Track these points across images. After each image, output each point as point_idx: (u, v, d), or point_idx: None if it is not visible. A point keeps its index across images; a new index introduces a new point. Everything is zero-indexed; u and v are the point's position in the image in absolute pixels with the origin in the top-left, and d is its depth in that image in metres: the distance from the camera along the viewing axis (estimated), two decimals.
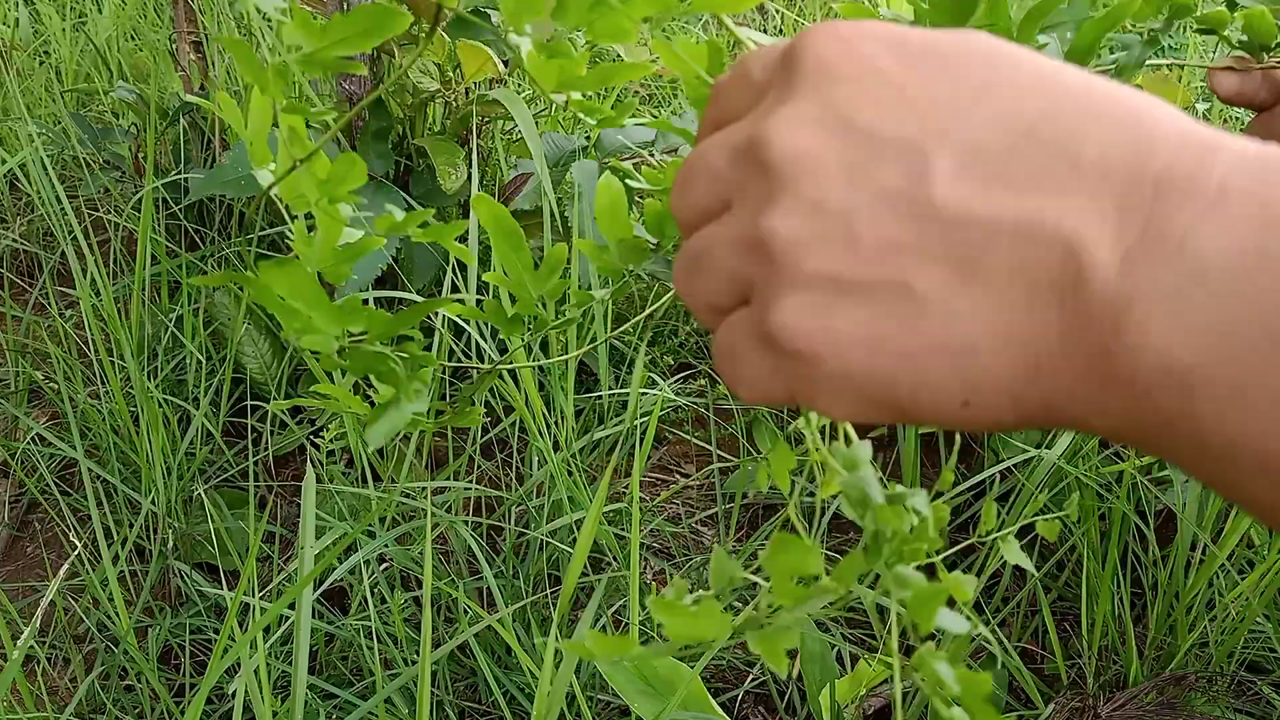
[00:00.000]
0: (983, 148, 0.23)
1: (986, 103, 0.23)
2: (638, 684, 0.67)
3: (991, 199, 0.23)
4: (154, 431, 0.99)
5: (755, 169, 0.25)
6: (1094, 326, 0.22)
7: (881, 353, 0.24)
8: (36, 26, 1.91)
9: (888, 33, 0.25)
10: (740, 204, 0.25)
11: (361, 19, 0.28)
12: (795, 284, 0.24)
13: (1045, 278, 0.22)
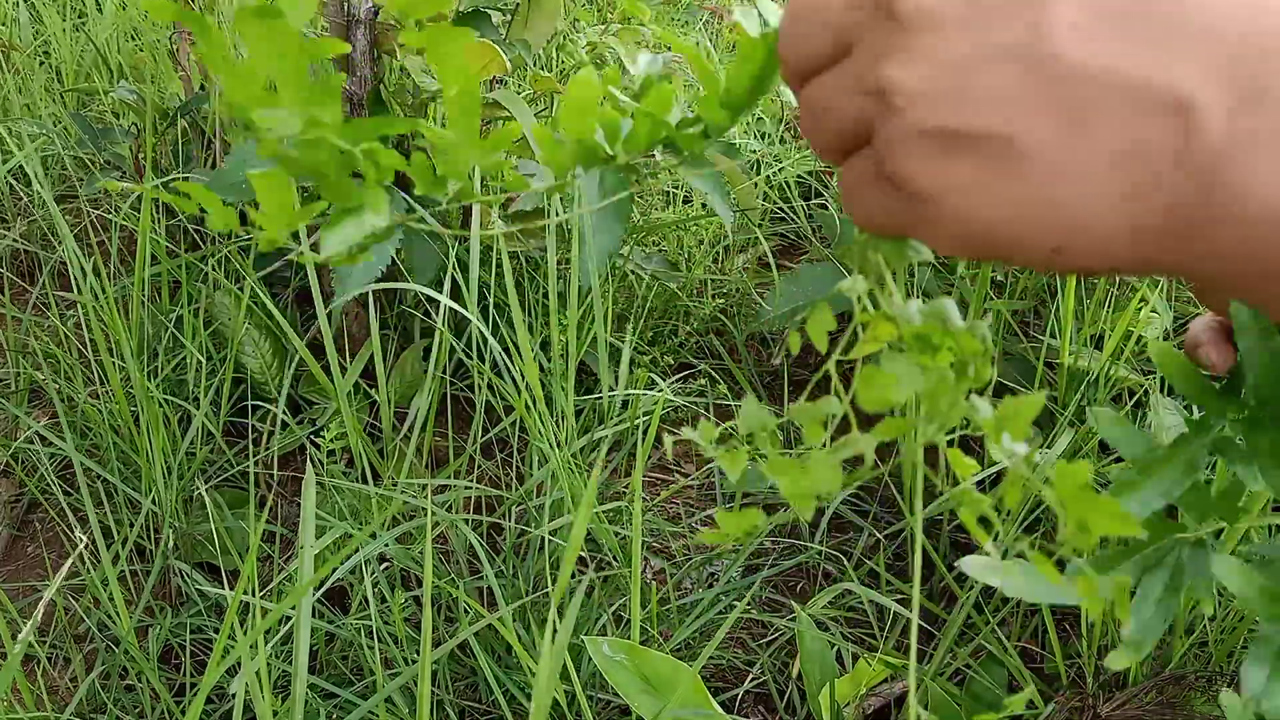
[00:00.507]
0: (1100, 4, 0.23)
1: None
2: (637, 683, 0.67)
3: (1106, 55, 0.23)
4: (154, 431, 0.99)
5: (879, 17, 0.25)
6: (1199, 180, 0.23)
7: (989, 198, 0.25)
8: (36, 27, 1.91)
9: None
10: (860, 49, 0.26)
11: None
12: (914, 132, 0.25)
13: (1153, 135, 0.23)
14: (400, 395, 1.16)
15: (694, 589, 1.02)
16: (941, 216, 0.25)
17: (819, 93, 0.28)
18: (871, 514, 1.10)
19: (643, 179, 0.33)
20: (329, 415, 1.15)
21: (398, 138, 1.17)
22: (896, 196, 0.26)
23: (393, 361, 1.19)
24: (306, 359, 0.99)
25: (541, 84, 1.15)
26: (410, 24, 0.29)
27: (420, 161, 0.33)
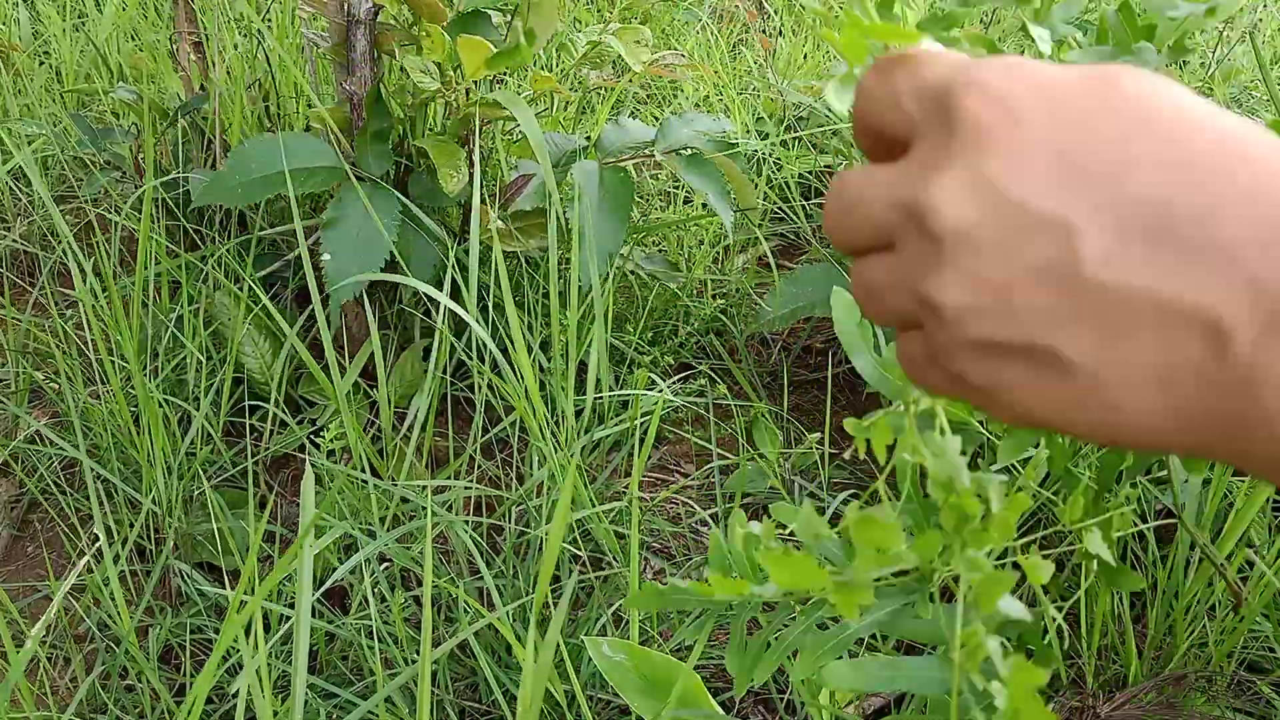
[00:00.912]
0: (1125, 225, 0.25)
1: (1128, 177, 0.25)
2: (637, 682, 0.67)
3: (1136, 277, 0.25)
4: (154, 431, 1.00)
5: (919, 232, 0.28)
6: (1235, 394, 0.24)
7: (1040, 397, 0.27)
8: (36, 27, 1.91)
9: (1038, 89, 0.27)
10: (904, 257, 0.29)
11: None
12: (963, 342, 0.28)
13: (1187, 353, 0.25)
14: (400, 395, 1.16)
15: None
16: (996, 404, 0.28)
17: (870, 275, 0.30)
18: None
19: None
20: (329, 415, 1.15)
21: (397, 138, 1.17)
22: (951, 380, 0.29)
23: (393, 361, 1.19)
24: (305, 359, 0.99)
25: (541, 84, 1.15)
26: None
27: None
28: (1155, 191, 0.25)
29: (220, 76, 1.31)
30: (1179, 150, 0.25)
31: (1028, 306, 0.26)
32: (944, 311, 0.27)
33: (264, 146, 1.10)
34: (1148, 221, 0.25)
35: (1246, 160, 0.25)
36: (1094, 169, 0.25)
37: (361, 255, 1.07)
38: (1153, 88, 0.26)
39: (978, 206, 0.26)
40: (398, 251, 1.07)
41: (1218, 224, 0.24)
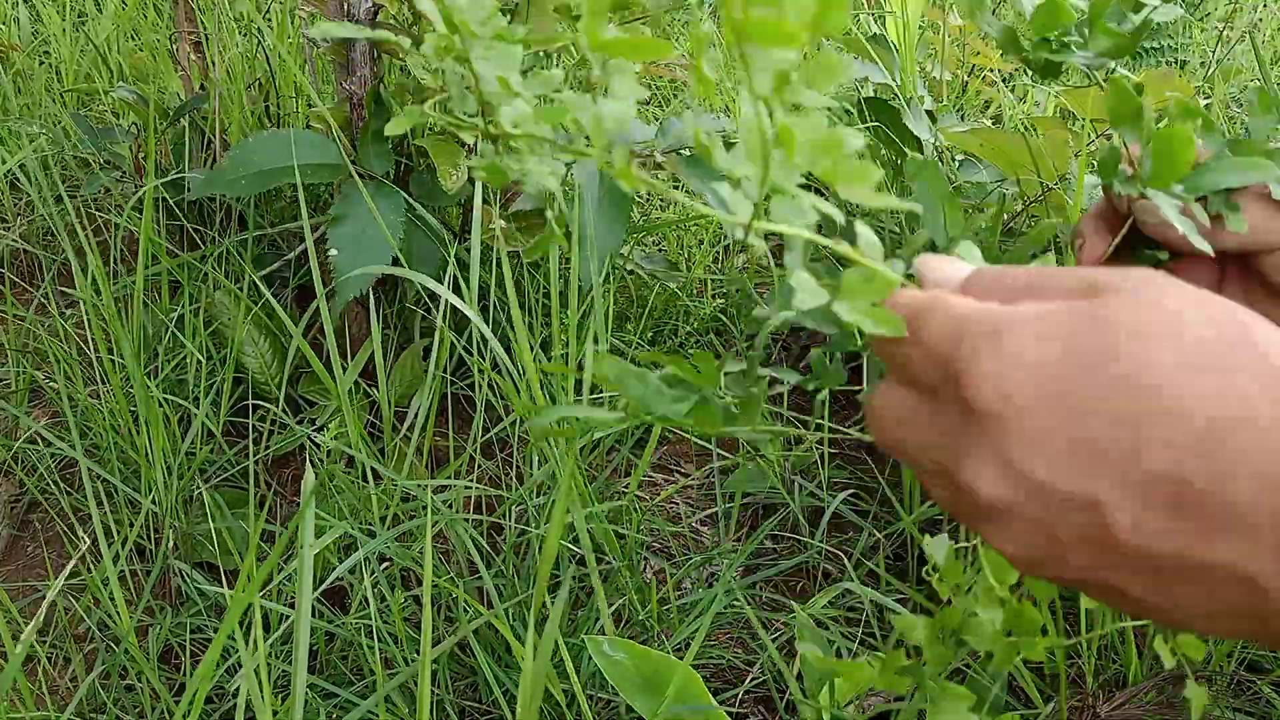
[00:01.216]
0: (1149, 498, 0.27)
1: (1142, 457, 0.27)
2: (637, 681, 0.67)
3: (1168, 541, 0.27)
4: (154, 431, 0.99)
5: (960, 496, 0.31)
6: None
7: (1107, 603, 0.30)
8: (36, 26, 1.91)
9: (1034, 376, 0.28)
10: (954, 495, 0.32)
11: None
12: (1010, 554, 0.30)
13: (1230, 597, 0.27)
14: (400, 394, 1.16)
15: (694, 589, 1.02)
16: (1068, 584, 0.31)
17: (924, 482, 0.34)
18: (871, 514, 1.10)
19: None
20: (329, 414, 1.15)
21: (397, 137, 1.17)
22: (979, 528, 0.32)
23: (393, 360, 1.19)
24: (308, 355, 0.99)
25: None
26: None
27: None
28: (1170, 469, 0.26)
29: (220, 76, 1.31)
30: (1184, 427, 0.26)
31: (1077, 560, 0.29)
32: (1004, 551, 0.30)
33: (265, 142, 1.10)
34: (1168, 495, 0.26)
35: (1248, 422, 0.26)
36: (1109, 452, 0.27)
37: (367, 252, 1.07)
38: (1143, 341, 0.27)
39: (1010, 488, 0.29)
40: (403, 249, 1.07)
41: (1233, 495, 0.26)
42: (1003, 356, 0.28)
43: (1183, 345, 0.27)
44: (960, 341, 0.30)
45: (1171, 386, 0.26)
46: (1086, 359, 0.28)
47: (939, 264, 0.35)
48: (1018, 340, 0.29)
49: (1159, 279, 0.29)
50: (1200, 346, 0.27)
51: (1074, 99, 1.11)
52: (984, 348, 0.29)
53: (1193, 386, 0.26)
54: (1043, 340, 0.28)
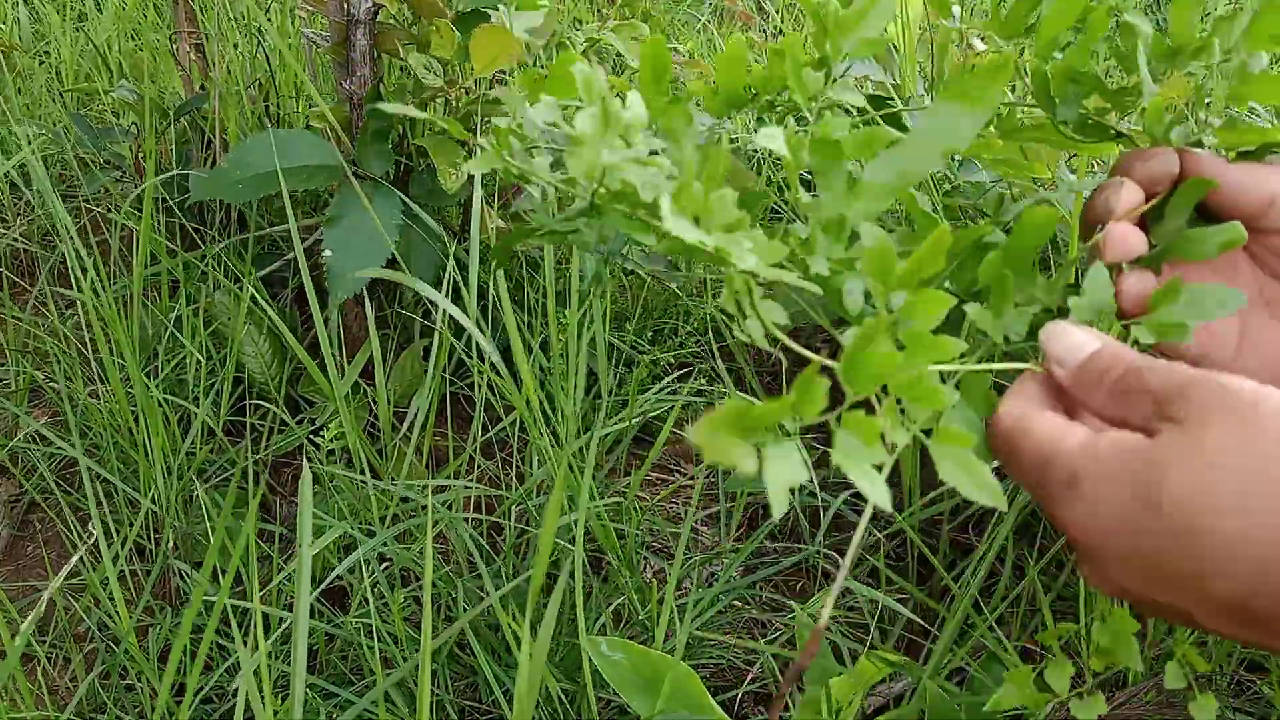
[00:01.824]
0: (1220, 612, 0.33)
1: (1207, 586, 0.32)
2: (635, 681, 0.67)
3: (1242, 636, 0.33)
4: (154, 430, 0.99)
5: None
6: None
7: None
8: (36, 26, 1.91)
9: (1119, 510, 0.34)
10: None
11: None
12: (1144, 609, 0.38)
13: None
14: (400, 395, 1.16)
15: (694, 588, 1.02)
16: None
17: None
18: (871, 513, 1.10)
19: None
20: (329, 415, 1.15)
21: (397, 137, 1.17)
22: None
23: (393, 361, 1.19)
24: (304, 360, 0.99)
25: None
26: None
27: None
28: (1231, 597, 0.32)
29: (220, 76, 1.31)
30: (1236, 565, 0.31)
31: (1173, 617, 0.35)
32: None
33: (265, 143, 1.10)
34: (1235, 613, 0.32)
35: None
36: (1181, 582, 0.33)
37: (363, 253, 1.07)
38: (1194, 488, 0.32)
39: (1115, 590, 0.36)
40: (399, 250, 1.07)
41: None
42: (1080, 504, 0.34)
43: (1229, 487, 0.31)
44: (1045, 486, 0.36)
45: (1222, 530, 0.31)
46: (1149, 503, 0.33)
47: (1063, 338, 0.40)
48: (1092, 488, 0.34)
49: (1219, 402, 0.33)
50: (1244, 486, 0.31)
51: None
52: (1063, 497, 0.35)
53: (1240, 529, 0.31)
54: (1112, 487, 0.34)
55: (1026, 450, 0.37)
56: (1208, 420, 0.33)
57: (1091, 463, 0.34)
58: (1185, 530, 0.32)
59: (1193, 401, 0.34)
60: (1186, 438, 0.33)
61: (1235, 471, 0.31)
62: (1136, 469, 0.33)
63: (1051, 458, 0.36)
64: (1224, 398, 0.33)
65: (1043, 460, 0.36)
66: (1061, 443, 0.36)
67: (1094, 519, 0.34)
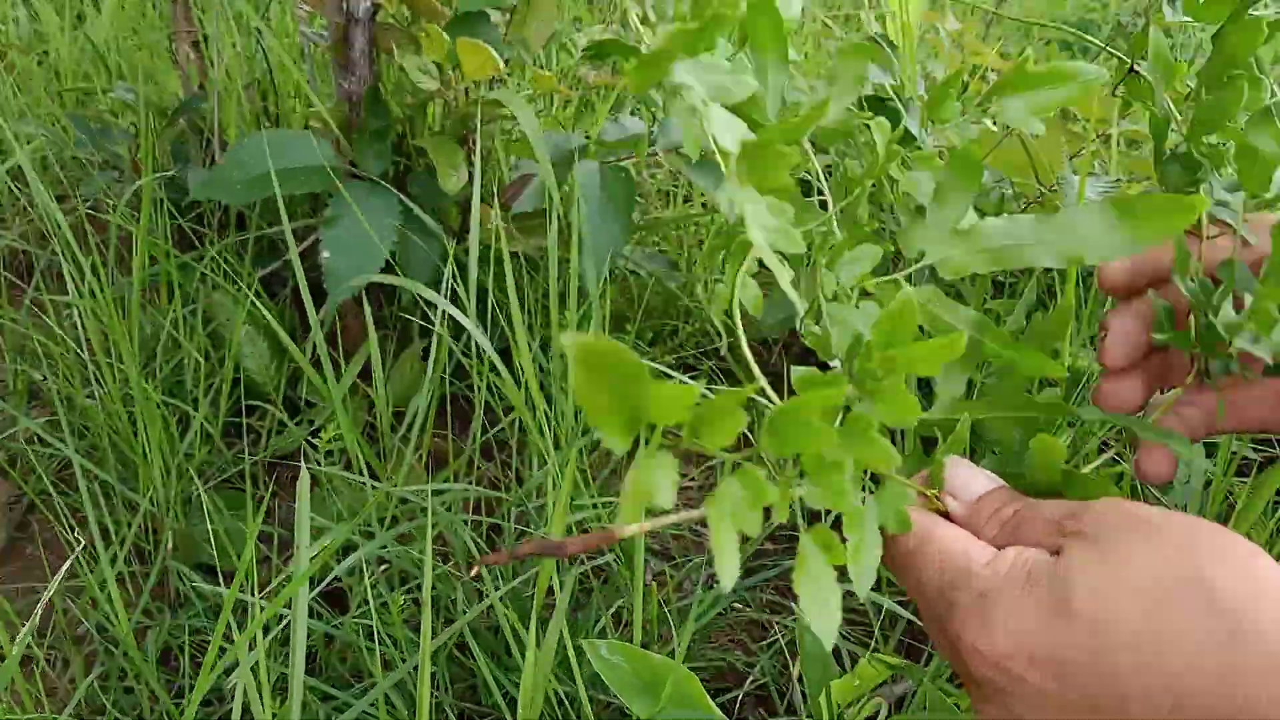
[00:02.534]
0: None
1: (1131, 706, 0.29)
2: (635, 684, 0.66)
3: None
4: (152, 432, 0.99)
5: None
6: None
7: None
8: (35, 27, 1.90)
9: (1031, 658, 0.31)
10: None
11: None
12: None
13: None
14: (399, 396, 1.16)
15: (694, 590, 1.02)
16: None
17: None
18: None
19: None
20: (328, 416, 1.15)
21: (396, 137, 1.17)
22: None
23: (391, 362, 1.18)
24: (301, 363, 0.99)
25: (541, 83, 1.15)
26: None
27: None
28: (1156, 716, 0.29)
29: (219, 76, 1.31)
30: (1156, 688, 0.29)
31: None
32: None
33: (263, 144, 1.10)
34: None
35: (1204, 683, 0.28)
36: (1101, 708, 0.30)
37: (361, 254, 1.07)
38: (1105, 605, 0.30)
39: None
40: (398, 251, 1.07)
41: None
42: (990, 628, 0.32)
43: (1139, 607, 0.29)
44: (952, 608, 0.33)
45: (1138, 649, 0.29)
46: (1060, 624, 0.30)
47: (963, 475, 0.39)
48: (1001, 609, 0.32)
49: (1118, 518, 0.32)
50: (1157, 608, 0.29)
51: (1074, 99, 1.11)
52: (971, 621, 0.32)
53: (1156, 649, 0.29)
54: (1021, 608, 0.31)
55: (931, 562, 0.35)
56: (1112, 535, 0.32)
57: (997, 577, 0.33)
58: (1101, 652, 0.30)
59: (1092, 518, 0.33)
60: (1089, 550, 0.31)
61: (1138, 580, 0.30)
62: (1043, 581, 0.32)
63: (961, 572, 0.34)
64: (1128, 515, 0.32)
65: (951, 574, 0.34)
66: (971, 560, 0.34)
67: (1004, 646, 0.31)
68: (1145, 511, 0.32)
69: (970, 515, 0.38)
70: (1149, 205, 0.35)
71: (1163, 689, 0.29)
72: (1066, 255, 0.36)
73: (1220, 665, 0.28)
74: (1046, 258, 0.36)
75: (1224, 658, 0.28)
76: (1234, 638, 0.28)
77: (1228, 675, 0.28)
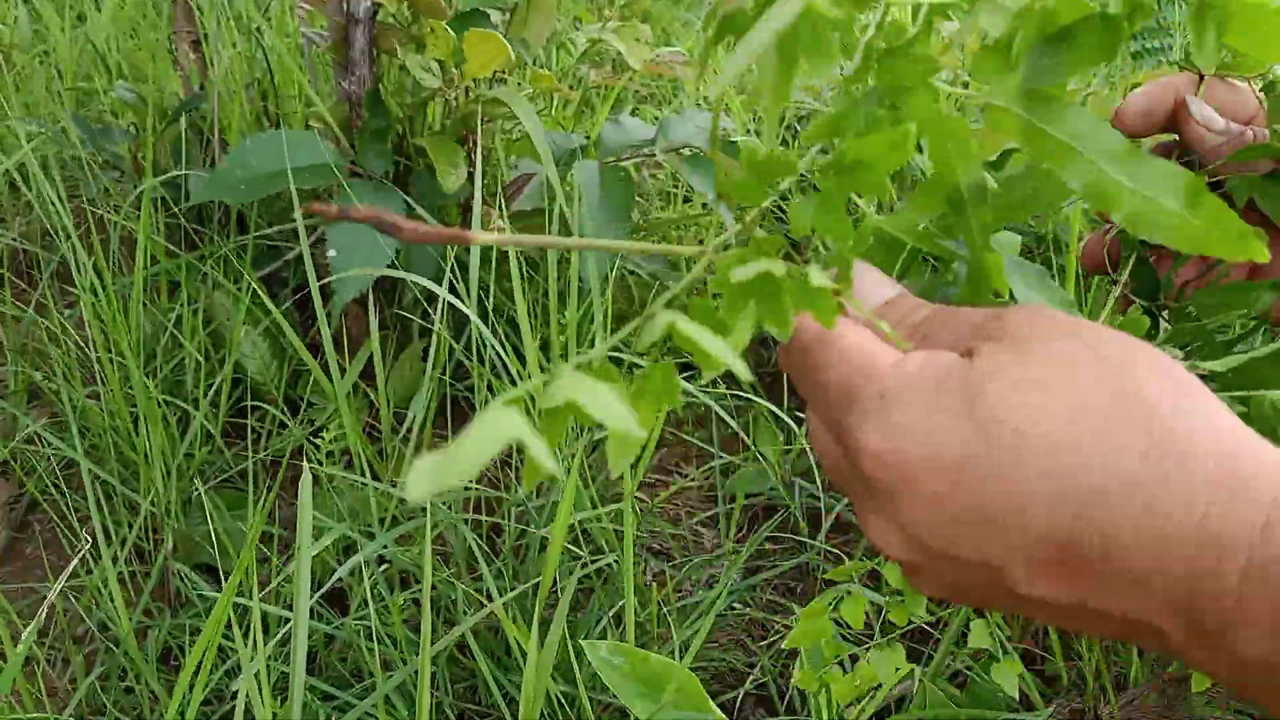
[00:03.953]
0: (1039, 558, 0.28)
1: (1027, 521, 0.27)
2: (634, 685, 0.66)
3: (1064, 594, 0.28)
4: (153, 432, 0.99)
5: (873, 540, 0.32)
6: (1194, 659, 0.27)
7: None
8: (36, 27, 1.90)
9: (921, 453, 0.29)
10: (870, 537, 0.33)
11: None
12: (938, 590, 0.32)
13: (1139, 636, 0.28)
14: (400, 396, 1.16)
15: (694, 590, 1.02)
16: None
17: (828, 469, 0.34)
18: None
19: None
20: (328, 415, 1.15)
21: (396, 137, 1.17)
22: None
23: (392, 362, 1.19)
24: (305, 359, 0.99)
25: (541, 82, 1.15)
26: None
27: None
28: (1055, 533, 0.27)
29: (219, 75, 1.31)
30: (1065, 494, 0.27)
31: (985, 601, 0.31)
32: (918, 590, 0.32)
33: (265, 144, 1.10)
34: (1058, 553, 0.27)
35: (1127, 488, 0.26)
36: (996, 517, 0.28)
37: (365, 253, 1.07)
38: (1022, 406, 0.28)
39: (910, 551, 0.30)
40: (400, 251, 1.07)
41: (1121, 557, 0.26)
42: (888, 428, 0.29)
43: (1060, 410, 0.27)
44: (850, 406, 0.30)
45: (1052, 454, 0.27)
46: (967, 426, 0.28)
47: (870, 279, 0.35)
48: (902, 409, 0.29)
49: (1042, 321, 0.29)
50: (1079, 411, 0.27)
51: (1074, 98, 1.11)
52: (870, 418, 0.29)
53: (1073, 454, 0.27)
54: (926, 408, 0.29)
55: (831, 361, 0.31)
56: (1030, 338, 0.29)
57: (904, 384, 0.29)
58: (1010, 457, 0.27)
59: (1011, 323, 0.30)
60: (1008, 352, 0.28)
61: (1062, 385, 0.27)
62: (953, 381, 0.29)
63: (860, 371, 0.30)
64: (1046, 320, 0.29)
65: (850, 373, 0.31)
66: (874, 357, 0.31)
67: (903, 449, 0.28)
68: (1074, 321, 0.29)
69: (878, 320, 0.34)
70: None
71: (1071, 499, 0.26)
72: (1106, 196, 0.31)
73: (1148, 480, 0.26)
74: (1081, 182, 0.31)
75: (1151, 473, 0.26)
76: (1166, 458, 0.26)
77: (1153, 491, 0.26)
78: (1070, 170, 0.30)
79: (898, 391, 0.29)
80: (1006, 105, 0.31)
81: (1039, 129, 0.31)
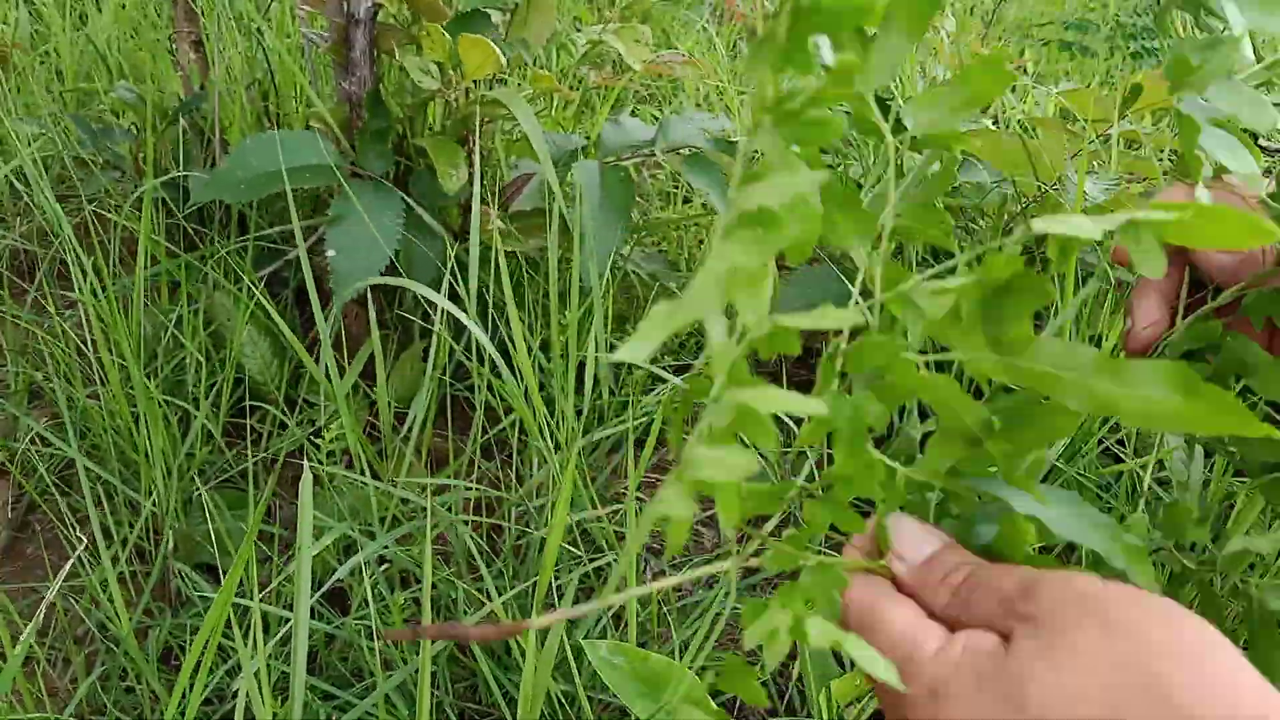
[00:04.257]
0: None
1: None
2: (634, 685, 0.66)
3: None
4: (154, 432, 0.99)
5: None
6: None
7: None
8: (36, 27, 1.91)
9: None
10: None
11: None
12: None
13: None
14: (400, 396, 1.16)
15: (694, 590, 1.02)
16: None
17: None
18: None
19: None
20: (329, 415, 1.15)
21: (396, 137, 1.17)
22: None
23: (393, 362, 1.19)
24: (304, 360, 0.99)
25: (541, 82, 1.15)
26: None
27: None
28: None
29: (220, 76, 1.31)
30: None
31: None
32: None
33: (265, 144, 1.10)
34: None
35: None
36: None
37: (365, 254, 1.07)
38: (1056, 705, 0.30)
39: None
40: (400, 251, 1.07)
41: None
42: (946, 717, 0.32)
43: (1093, 711, 0.29)
44: (903, 699, 0.33)
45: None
46: (1012, 707, 0.30)
47: (910, 535, 0.38)
48: (953, 709, 0.32)
49: (1069, 611, 0.31)
50: (1112, 696, 0.29)
51: (1074, 99, 1.11)
52: (926, 709, 0.32)
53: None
54: (975, 706, 0.31)
55: (880, 648, 0.34)
56: (1062, 625, 0.31)
57: (951, 671, 0.32)
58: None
59: (1044, 600, 0.32)
60: (1042, 652, 0.31)
61: (1100, 681, 0.30)
62: (991, 682, 0.31)
63: (908, 663, 0.34)
64: (1078, 598, 0.32)
65: (899, 663, 0.34)
66: (919, 648, 0.34)
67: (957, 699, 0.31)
68: (1096, 591, 0.32)
69: (919, 580, 0.37)
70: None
71: None
72: (1104, 406, 0.33)
73: None
74: (1078, 401, 0.33)
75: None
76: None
77: None
78: (1064, 393, 0.33)
79: (945, 687, 0.32)
80: (982, 358, 0.34)
81: (1021, 368, 0.33)
